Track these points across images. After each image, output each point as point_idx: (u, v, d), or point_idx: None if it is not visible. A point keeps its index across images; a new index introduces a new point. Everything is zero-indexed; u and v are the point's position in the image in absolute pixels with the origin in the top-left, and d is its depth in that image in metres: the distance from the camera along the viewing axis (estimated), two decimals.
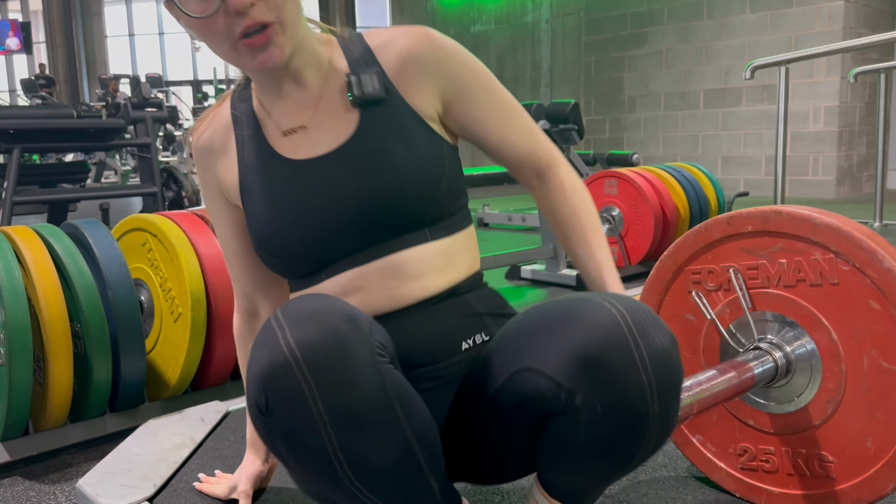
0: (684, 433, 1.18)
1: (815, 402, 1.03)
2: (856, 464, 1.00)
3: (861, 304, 0.98)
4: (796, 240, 1.02)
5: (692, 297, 1.14)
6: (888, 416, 0.97)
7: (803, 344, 1.04)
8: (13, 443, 1.42)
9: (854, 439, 1.00)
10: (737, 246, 1.08)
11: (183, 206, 4.61)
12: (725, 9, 6.62)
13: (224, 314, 1.65)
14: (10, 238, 1.47)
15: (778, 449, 1.08)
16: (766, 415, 1.09)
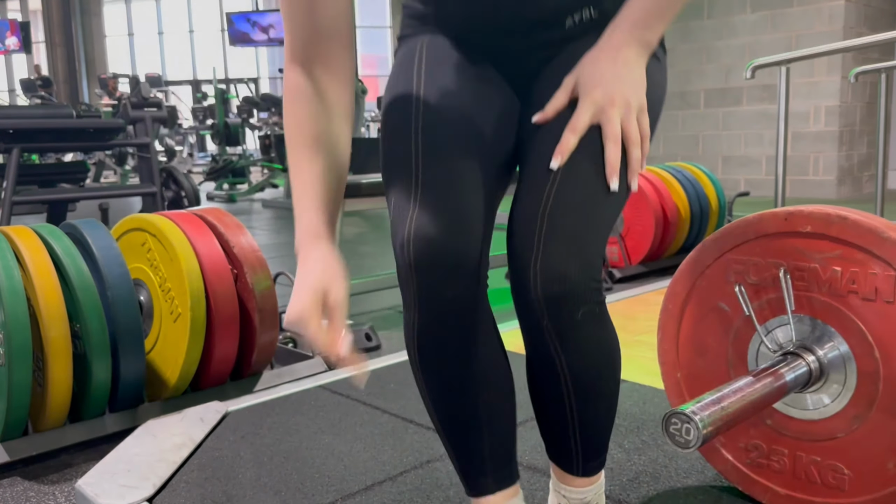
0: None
1: (841, 415, 1.00)
2: (872, 481, 0.97)
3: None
4: (857, 249, 0.97)
5: (730, 286, 1.10)
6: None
7: (841, 355, 1.00)
8: (12, 443, 1.42)
9: (875, 457, 0.97)
10: (791, 244, 1.03)
11: (182, 206, 4.61)
12: (726, 8, 6.62)
13: (223, 314, 1.65)
14: (9, 238, 1.47)
15: (792, 452, 1.06)
16: (787, 417, 1.06)
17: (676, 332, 1.17)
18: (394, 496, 1.17)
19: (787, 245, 1.04)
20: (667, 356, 1.19)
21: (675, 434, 0.84)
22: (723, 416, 0.86)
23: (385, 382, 1.72)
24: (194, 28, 17.44)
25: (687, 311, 1.16)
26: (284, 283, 3.04)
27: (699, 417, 0.83)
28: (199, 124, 13.10)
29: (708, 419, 0.84)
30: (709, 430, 0.84)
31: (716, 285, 1.12)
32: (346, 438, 1.41)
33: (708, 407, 0.85)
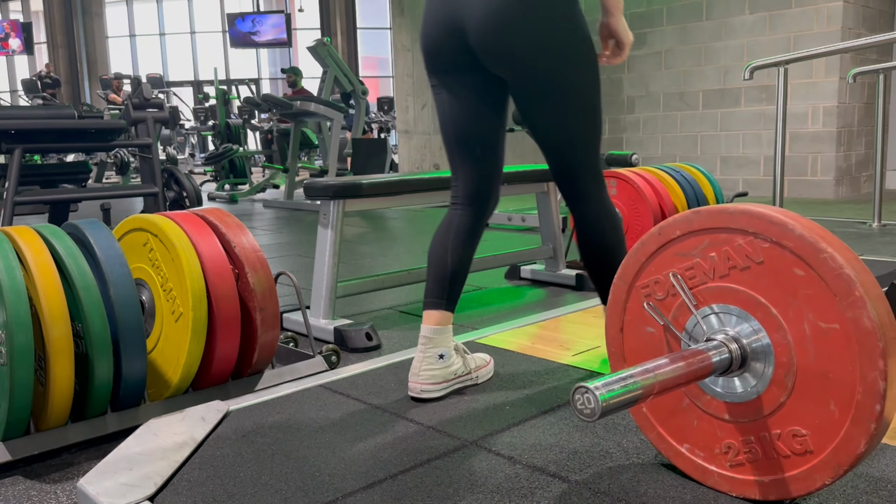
0: (673, 445, 1.21)
1: (775, 381, 1.07)
2: (827, 430, 1.02)
3: (787, 274, 1.04)
4: (718, 232, 1.10)
5: (646, 310, 1.20)
6: (841, 375, 1.00)
7: (750, 326, 1.08)
8: (14, 442, 1.43)
9: (818, 406, 1.03)
10: (672, 252, 1.16)
11: (184, 206, 4.62)
12: (724, 10, 6.62)
13: (225, 314, 1.66)
14: (11, 238, 1.48)
15: (757, 436, 1.10)
16: (738, 405, 1.11)
17: (624, 366, 1.25)
18: (394, 495, 1.18)
19: (670, 254, 1.17)
20: None
21: (582, 407, 0.94)
22: (626, 391, 0.96)
23: (385, 382, 1.73)
24: (196, 29, 17.44)
25: (626, 349, 1.25)
26: (285, 283, 3.05)
27: (600, 392, 0.93)
28: (200, 125, 13.10)
29: (608, 392, 0.94)
30: (609, 403, 0.93)
31: (637, 314, 1.22)
32: (346, 437, 1.41)
33: (611, 383, 0.95)
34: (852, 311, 0.97)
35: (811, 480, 1.04)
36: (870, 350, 0.96)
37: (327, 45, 7.43)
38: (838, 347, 1.00)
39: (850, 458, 1.00)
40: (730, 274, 1.10)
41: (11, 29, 16.56)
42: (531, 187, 2.92)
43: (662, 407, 1.21)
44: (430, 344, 1.60)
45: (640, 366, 1.01)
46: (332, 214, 2.31)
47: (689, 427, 1.18)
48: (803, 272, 1.01)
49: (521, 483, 1.20)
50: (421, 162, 9.92)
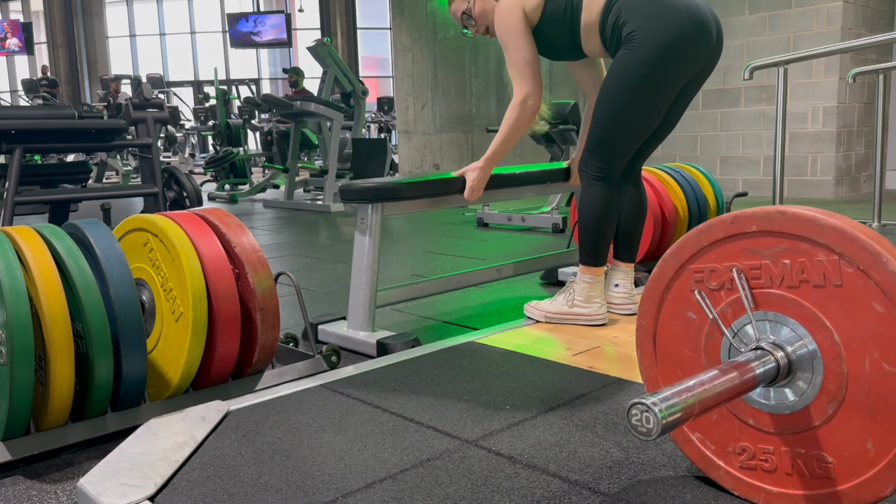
0: (684, 431, 1.18)
1: (815, 403, 1.03)
2: (855, 465, 1.00)
3: (864, 306, 0.98)
4: (800, 240, 1.03)
5: (695, 296, 1.14)
6: (889, 419, 0.97)
7: (805, 345, 1.04)
8: (14, 442, 1.43)
9: (854, 441, 1.00)
10: (740, 245, 1.09)
11: (184, 206, 4.62)
12: (724, 9, 6.62)
13: (225, 313, 1.66)
14: (11, 238, 1.48)
15: (777, 449, 1.08)
16: (767, 414, 1.08)
17: (653, 348, 1.21)
18: (394, 494, 1.18)
19: (738, 247, 1.09)
20: (648, 372, 1.23)
21: (638, 424, 0.89)
22: (684, 406, 0.91)
23: (385, 382, 1.73)
24: (196, 29, 17.44)
25: (660, 326, 1.20)
26: (285, 283, 3.06)
27: (659, 408, 0.87)
28: (200, 125, 13.11)
29: (667, 410, 0.88)
30: (669, 420, 0.88)
31: (681, 296, 1.17)
32: (346, 437, 1.42)
33: (669, 398, 0.90)
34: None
35: (872, 490, 1.00)
36: None
37: (327, 45, 7.42)
38: (894, 393, 0.96)
39: (872, 497, 0.99)
40: (800, 287, 1.04)
41: (11, 29, 16.56)
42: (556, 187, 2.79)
43: (726, 439, 1.17)
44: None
45: (692, 379, 0.96)
46: (370, 219, 2.17)
47: (707, 419, 1.16)
48: (882, 309, 0.96)
49: (521, 483, 1.21)
50: (421, 162, 9.93)
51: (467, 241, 4.51)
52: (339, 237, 4.93)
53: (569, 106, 5.09)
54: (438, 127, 9.61)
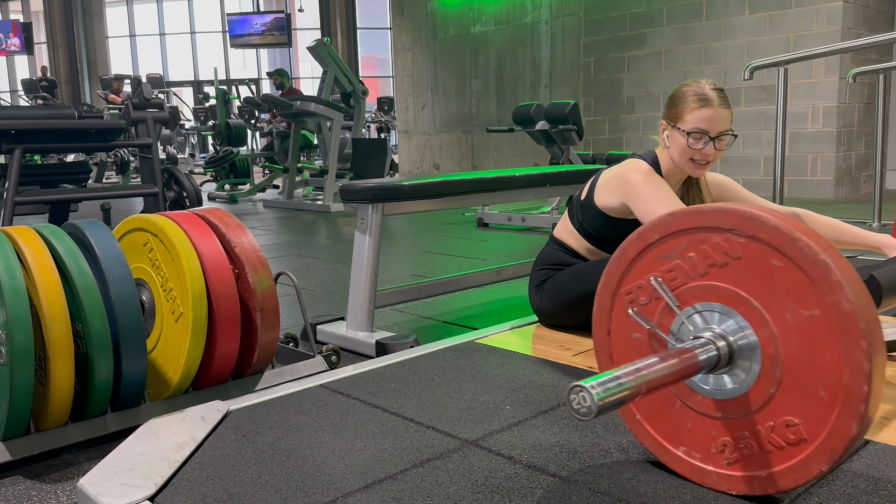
0: (670, 450, 1.20)
1: (763, 373, 1.07)
2: (818, 416, 1.03)
3: (765, 266, 1.05)
4: (695, 232, 1.12)
5: (632, 316, 1.21)
6: (826, 360, 1.00)
7: (735, 322, 1.09)
8: (14, 442, 1.43)
9: (808, 394, 1.03)
10: (652, 256, 1.17)
11: (184, 206, 4.62)
12: (724, 10, 6.62)
13: (225, 313, 1.66)
14: (11, 238, 1.48)
15: (751, 430, 1.10)
16: (730, 401, 1.12)
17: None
18: (394, 494, 1.18)
19: (650, 258, 1.18)
20: None
21: (578, 407, 0.95)
22: (620, 389, 0.97)
23: (385, 382, 1.73)
24: (196, 29, 17.44)
25: (614, 353, 1.26)
26: (285, 283, 3.06)
27: (596, 391, 0.93)
28: (200, 125, 13.11)
29: (604, 392, 0.94)
30: (605, 402, 0.94)
31: (624, 321, 1.23)
32: (346, 437, 1.41)
33: (606, 382, 0.96)
34: (831, 296, 0.98)
35: (808, 469, 1.04)
36: (851, 332, 0.97)
37: (327, 45, 7.42)
38: (821, 333, 1.01)
39: (843, 441, 1.00)
40: (710, 272, 1.11)
41: (11, 29, 16.56)
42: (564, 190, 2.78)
43: (656, 413, 1.22)
44: None
45: (631, 365, 1.02)
46: (370, 219, 2.16)
47: (683, 430, 1.18)
48: (781, 263, 1.03)
49: (521, 483, 1.20)
50: (421, 162, 9.93)
51: (467, 241, 4.51)
52: (339, 237, 4.93)
53: (569, 106, 5.09)
54: (438, 127, 9.61)
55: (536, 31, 8.32)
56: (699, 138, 1.76)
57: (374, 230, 2.17)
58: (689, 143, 1.78)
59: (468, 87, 9.13)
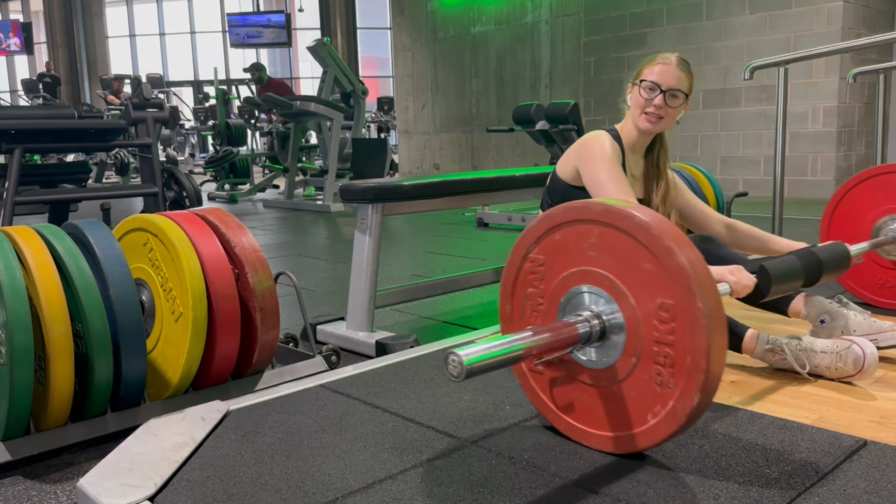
0: (559, 415, 1.37)
1: (627, 349, 1.23)
2: (667, 388, 1.18)
3: (633, 258, 1.20)
4: (579, 224, 1.27)
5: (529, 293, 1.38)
6: (678, 340, 1.15)
7: (607, 304, 1.25)
8: (14, 442, 1.43)
9: (642, 368, 1.21)
10: (555, 237, 1.32)
11: (184, 206, 4.62)
12: (724, 10, 6.62)
13: (225, 313, 1.66)
14: (11, 238, 1.48)
15: (618, 396, 1.26)
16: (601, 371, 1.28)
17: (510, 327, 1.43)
18: (394, 494, 1.18)
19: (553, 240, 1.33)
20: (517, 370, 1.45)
21: (452, 370, 1.08)
22: (488, 357, 1.10)
23: (385, 382, 1.73)
24: (196, 29, 17.44)
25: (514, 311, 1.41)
26: (285, 283, 3.06)
27: (466, 356, 1.07)
28: (200, 125, 13.11)
29: (473, 357, 1.08)
30: (473, 367, 1.07)
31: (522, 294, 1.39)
32: (346, 437, 1.41)
33: (477, 350, 1.09)
34: (681, 285, 1.13)
35: (660, 432, 1.20)
36: (695, 316, 1.12)
37: (327, 45, 7.42)
38: (671, 314, 1.15)
39: (686, 408, 1.15)
40: (593, 259, 1.26)
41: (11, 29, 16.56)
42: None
43: (548, 383, 1.39)
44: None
45: (506, 336, 1.16)
46: (370, 219, 2.16)
47: (569, 397, 1.35)
48: (647, 259, 1.18)
49: (521, 483, 1.20)
50: (421, 162, 9.93)
51: (467, 241, 4.51)
52: (339, 237, 4.93)
53: (569, 106, 5.08)
54: (438, 127, 9.61)
55: (536, 31, 8.31)
56: (651, 89, 1.86)
57: (374, 230, 2.17)
58: (642, 93, 1.88)
59: (468, 87, 9.12)
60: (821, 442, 1.32)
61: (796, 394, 1.57)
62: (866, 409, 1.47)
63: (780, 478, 1.19)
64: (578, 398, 1.33)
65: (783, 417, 1.43)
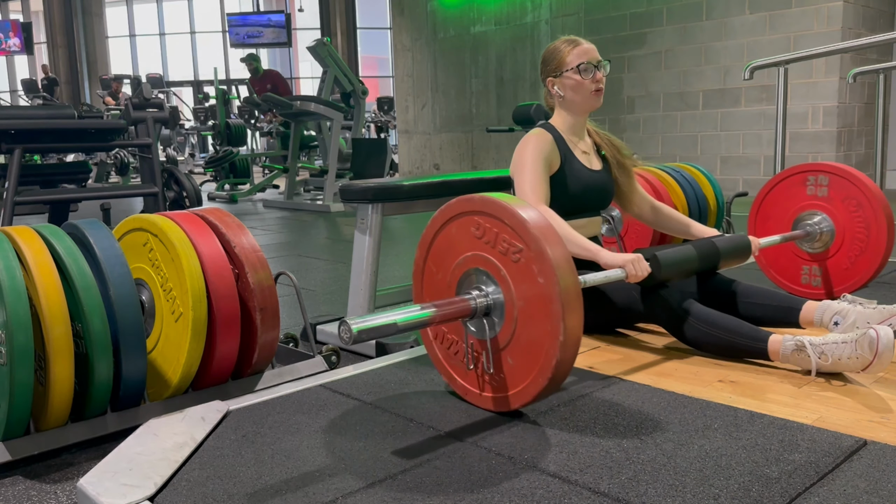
0: (456, 379, 1.59)
1: (505, 325, 1.45)
2: (533, 358, 1.41)
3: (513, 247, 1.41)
4: (473, 214, 1.49)
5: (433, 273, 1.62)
6: (539, 320, 1.38)
7: (493, 285, 1.47)
8: (14, 442, 1.43)
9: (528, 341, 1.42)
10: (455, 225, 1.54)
11: (184, 206, 4.62)
12: (724, 9, 6.62)
13: (225, 313, 1.66)
14: (11, 238, 1.48)
15: (498, 363, 1.49)
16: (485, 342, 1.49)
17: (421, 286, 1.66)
18: (394, 494, 1.18)
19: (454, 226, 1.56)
20: (417, 300, 1.65)
21: (343, 336, 1.29)
22: (375, 325, 1.32)
23: (385, 382, 1.73)
24: (196, 29, 17.44)
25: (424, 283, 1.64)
26: (285, 283, 3.06)
27: (355, 325, 1.28)
28: (200, 125, 13.11)
29: (362, 326, 1.29)
30: (361, 334, 1.28)
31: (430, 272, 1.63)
32: (346, 437, 1.41)
33: (366, 320, 1.31)
34: (545, 275, 1.34)
35: (527, 394, 1.43)
36: (552, 303, 1.33)
37: (327, 45, 7.42)
38: (538, 295, 1.37)
39: (545, 377, 1.38)
40: (487, 244, 1.47)
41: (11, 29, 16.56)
42: None
43: (448, 352, 1.61)
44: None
45: (394, 310, 1.38)
46: (370, 219, 2.16)
47: (463, 364, 1.57)
48: (521, 245, 1.38)
49: (522, 483, 1.20)
50: (421, 162, 9.92)
51: None
52: (339, 237, 4.93)
53: None
54: (438, 127, 9.60)
55: (536, 31, 8.31)
56: (587, 69, 1.98)
57: (374, 230, 2.17)
58: (583, 76, 1.98)
59: (468, 87, 9.12)
60: (821, 442, 1.32)
61: (796, 394, 1.57)
62: (866, 409, 1.47)
63: (780, 478, 1.19)
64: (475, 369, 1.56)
65: (783, 417, 1.43)
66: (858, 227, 2.32)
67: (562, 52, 2.02)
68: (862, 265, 2.32)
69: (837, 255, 2.37)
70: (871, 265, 2.31)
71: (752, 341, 1.73)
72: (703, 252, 1.92)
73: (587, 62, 1.98)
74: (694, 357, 1.83)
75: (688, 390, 1.60)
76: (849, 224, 2.33)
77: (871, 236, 2.29)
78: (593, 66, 1.99)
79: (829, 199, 2.37)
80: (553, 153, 2.01)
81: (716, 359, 1.80)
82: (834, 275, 2.39)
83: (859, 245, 2.32)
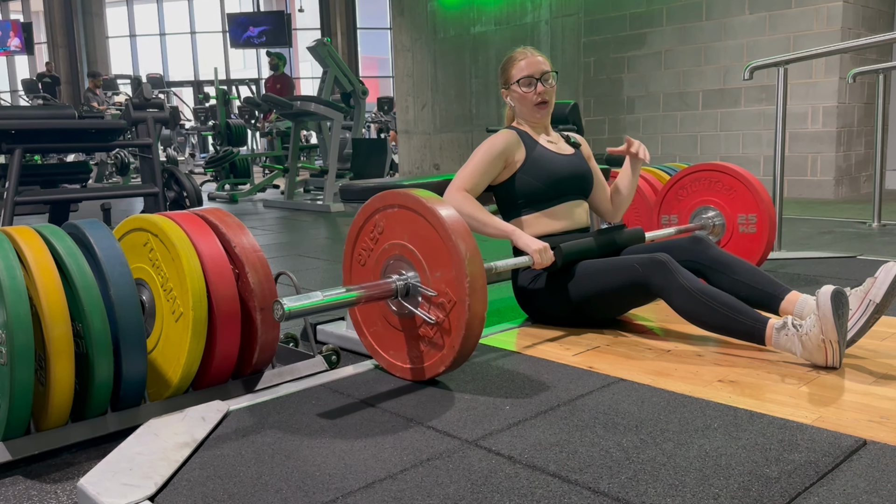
0: (381, 354, 1.80)
1: (422, 304, 1.68)
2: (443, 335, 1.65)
3: (428, 234, 1.63)
4: (390, 208, 1.72)
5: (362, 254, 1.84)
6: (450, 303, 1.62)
7: (412, 269, 1.68)
8: (14, 442, 1.43)
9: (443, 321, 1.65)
10: (375, 218, 1.76)
11: (184, 206, 4.62)
12: (724, 10, 6.62)
13: (225, 313, 1.66)
14: (11, 238, 1.48)
15: (416, 338, 1.72)
16: (406, 319, 1.73)
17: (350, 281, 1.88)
18: (394, 494, 1.18)
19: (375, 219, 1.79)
20: (346, 282, 1.87)
21: (276, 314, 1.51)
22: (305, 305, 1.53)
23: (385, 382, 1.73)
24: (196, 29, 17.44)
25: (353, 270, 1.87)
26: (286, 283, 3.05)
27: (287, 304, 1.50)
28: (200, 125, 13.11)
29: (292, 305, 1.50)
30: (291, 312, 1.49)
31: (357, 260, 1.85)
32: (346, 437, 1.42)
33: (297, 299, 1.52)
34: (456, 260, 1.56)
35: (438, 366, 1.65)
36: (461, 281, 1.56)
37: (327, 45, 7.42)
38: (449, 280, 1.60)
39: (452, 353, 1.61)
40: (398, 233, 1.69)
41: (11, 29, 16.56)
42: None
43: (377, 332, 1.82)
44: None
45: (323, 291, 1.58)
46: None
47: (388, 340, 1.79)
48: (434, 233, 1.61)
49: (521, 483, 1.20)
50: (421, 162, 9.92)
51: None
52: (339, 237, 4.93)
53: (569, 106, 5.08)
54: (438, 127, 9.60)
55: (536, 31, 8.31)
56: (528, 83, 2.09)
57: None
58: (523, 90, 2.11)
59: (468, 87, 9.12)
60: (820, 442, 1.32)
61: (796, 394, 1.57)
62: (866, 409, 1.47)
63: (779, 477, 1.19)
64: (393, 340, 1.77)
65: (783, 417, 1.43)
66: (746, 222, 2.72)
67: (509, 65, 2.15)
68: (748, 256, 2.67)
69: (727, 246, 2.74)
70: (754, 257, 2.68)
71: (754, 322, 1.77)
72: (602, 244, 2.14)
73: (528, 75, 2.09)
74: (694, 357, 1.84)
75: (687, 390, 1.60)
76: (737, 219, 2.73)
77: (759, 231, 2.68)
78: (535, 79, 2.10)
79: (721, 196, 2.76)
80: (515, 146, 2.14)
81: (716, 355, 1.80)
82: None
83: (746, 238, 2.71)
